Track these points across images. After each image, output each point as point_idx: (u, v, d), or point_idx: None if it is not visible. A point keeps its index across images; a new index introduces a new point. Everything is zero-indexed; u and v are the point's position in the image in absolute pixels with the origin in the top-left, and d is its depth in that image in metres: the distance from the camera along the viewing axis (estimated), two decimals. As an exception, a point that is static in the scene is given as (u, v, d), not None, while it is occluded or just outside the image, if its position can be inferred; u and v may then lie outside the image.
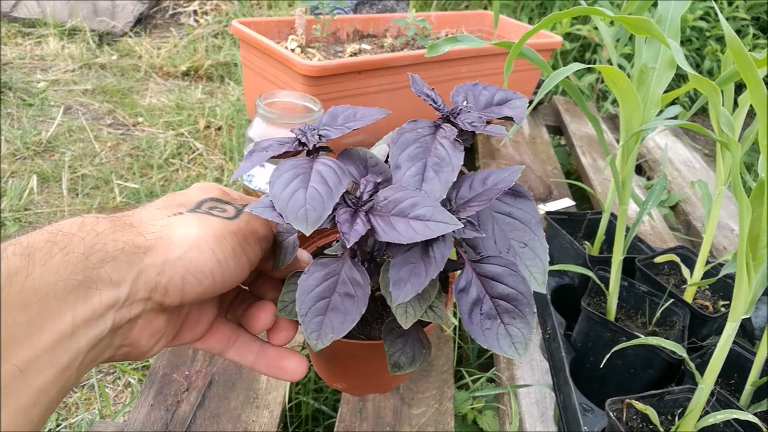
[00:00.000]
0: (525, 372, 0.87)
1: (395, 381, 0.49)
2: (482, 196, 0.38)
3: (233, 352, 0.43)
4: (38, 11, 2.45)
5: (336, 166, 0.38)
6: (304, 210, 0.35)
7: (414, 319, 0.37)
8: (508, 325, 0.35)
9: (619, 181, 0.75)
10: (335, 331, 0.35)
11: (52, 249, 0.30)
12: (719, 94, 0.50)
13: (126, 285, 0.32)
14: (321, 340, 0.35)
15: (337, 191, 0.36)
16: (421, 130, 0.39)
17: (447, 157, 0.37)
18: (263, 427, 0.72)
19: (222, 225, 0.37)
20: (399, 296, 0.34)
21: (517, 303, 0.36)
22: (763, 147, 0.49)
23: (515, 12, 2.63)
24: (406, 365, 0.40)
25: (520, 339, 0.35)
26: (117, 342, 0.33)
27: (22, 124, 1.78)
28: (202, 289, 0.36)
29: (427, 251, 0.35)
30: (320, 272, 0.37)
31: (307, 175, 0.37)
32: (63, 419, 0.96)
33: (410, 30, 1.51)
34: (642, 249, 1.01)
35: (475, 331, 0.35)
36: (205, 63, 2.29)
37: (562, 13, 0.54)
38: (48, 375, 0.27)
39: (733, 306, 0.57)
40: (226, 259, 0.36)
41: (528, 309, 0.36)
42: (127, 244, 0.33)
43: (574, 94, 0.73)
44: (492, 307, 0.36)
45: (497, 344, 0.35)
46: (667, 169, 1.57)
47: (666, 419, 0.68)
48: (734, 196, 0.51)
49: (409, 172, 0.37)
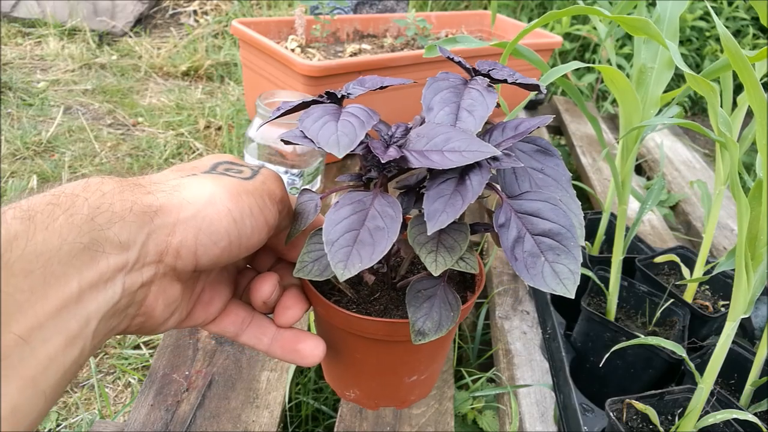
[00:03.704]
0: (525, 372, 0.87)
1: (413, 391, 0.46)
2: (516, 137, 0.37)
3: (247, 335, 0.41)
4: (38, 11, 2.45)
5: (365, 108, 0.37)
6: (336, 136, 0.34)
7: (443, 267, 0.35)
8: (553, 262, 0.34)
9: (618, 180, 0.75)
10: (363, 260, 0.33)
11: (55, 211, 0.28)
12: (717, 94, 0.50)
13: (135, 247, 0.30)
14: (348, 269, 0.33)
15: (368, 122, 0.36)
16: (453, 80, 0.39)
17: (481, 98, 0.37)
18: (263, 427, 0.72)
19: (238, 184, 0.36)
20: (434, 225, 0.33)
21: (561, 238, 0.34)
22: (761, 147, 0.49)
23: (515, 12, 2.63)
24: (431, 332, 0.37)
25: (568, 275, 0.34)
26: (132, 311, 0.32)
27: (22, 124, 1.78)
28: (217, 252, 0.34)
29: (464, 180, 0.34)
30: (350, 204, 0.35)
31: (337, 114, 0.37)
32: (63, 419, 0.96)
33: (410, 30, 1.51)
34: (642, 249, 1.01)
35: (519, 268, 0.34)
36: (205, 63, 2.29)
37: (560, 12, 0.54)
38: (56, 343, 0.26)
39: (733, 306, 0.57)
40: (243, 217, 0.34)
41: (573, 243, 0.34)
42: (135, 204, 0.31)
43: (573, 94, 0.73)
44: (534, 245, 0.34)
45: (544, 282, 0.33)
46: (666, 169, 1.57)
47: (666, 419, 0.68)
48: (733, 195, 0.51)
49: (443, 112, 0.36)
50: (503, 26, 1.72)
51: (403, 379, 0.41)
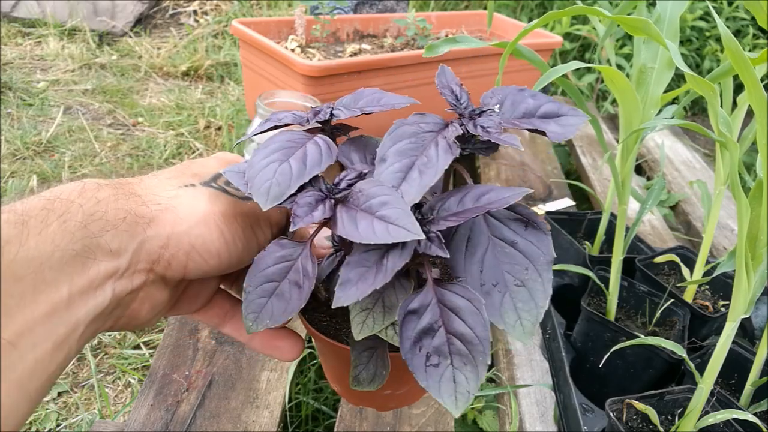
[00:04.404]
0: (525, 372, 0.87)
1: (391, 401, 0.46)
2: (466, 213, 0.33)
3: (230, 326, 0.42)
4: (38, 11, 2.45)
5: (326, 147, 0.36)
6: (269, 183, 0.33)
7: (368, 333, 0.33)
8: (457, 369, 0.30)
9: (618, 180, 0.75)
10: (273, 318, 0.33)
11: (49, 217, 0.28)
12: (717, 94, 0.50)
13: (126, 255, 0.31)
14: (257, 324, 0.34)
15: (310, 172, 0.34)
16: (424, 125, 0.35)
17: (435, 158, 0.33)
18: (263, 427, 0.72)
19: (234, 204, 0.36)
20: (341, 297, 0.31)
21: (472, 348, 0.31)
22: (761, 147, 0.49)
23: (515, 12, 2.63)
24: (365, 382, 0.37)
25: (464, 390, 0.30)
26: (118, 313, 0.32)
27: (22, 124, 1.78)
28: (207, 269, 0.35)
29: (383, 258, 0.32)
30: (278, 253, 0.35)
31: (293, 150, 0.35)
32: (63, 419, 0.96)
33: (410, 30, 1.51)
34: (642, 249, 1.01)
35: (416, 363, 0.31)
36: (205, 63, 2.29)
37: (560, 12, 0.54)
38: (44, 348, 0.26)
39: (733, 306, 0.57)
40: (234, 240, 0.35)
41: (482, 358, 0.30)
42: (129, 213, 0.31)
43: (573, 93, 0.73)
44: (444, 343, 0.31)
45: (437, 388, 0.30)
46: (667, 169, 1.57)
47: (666, 419, 0.68)
48: (733, 195, 0.51)
49: (393, 167, 0.33)
50: (503, 26, 1.72)
51: (378, 391, 0.40)
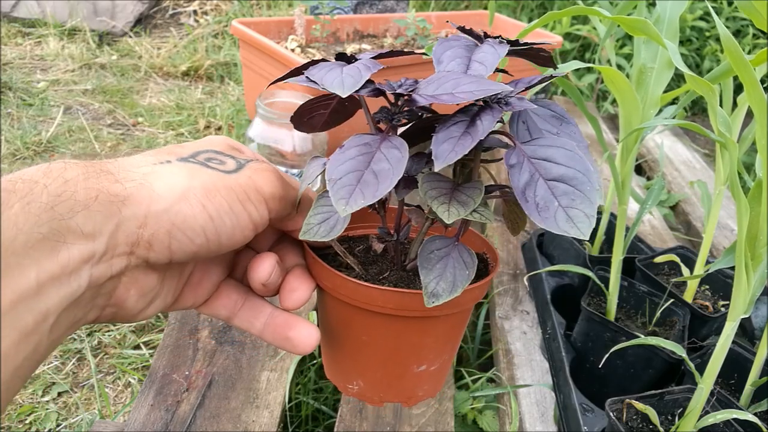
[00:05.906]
0: (525, 372, 0.87)
1: (421, 386, 0.43)
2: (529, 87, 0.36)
3: (239, 318, 0.39)
4: (38, 11, 2.45)
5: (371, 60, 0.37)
6: (340, 78, 0.34)
7: (457, 217, 0.34)
8: (568, 207, 0.32)
9: (618, 180, 0.75)
10: (366, 197, 0.32)
11: (10, 199, 0.26)
12: (716, 94, 0.50)
13: (102, 238, 0.28)
14: (350, 204, 0.32)
15: (374, 66, 0.35)
16: (464, 41, 0.38)
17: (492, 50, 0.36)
18: (263, 427, 0.72)
19: (216, 177, 0.33)
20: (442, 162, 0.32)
21: (576, 183, 0.32)
22: (761, 147, 0.49)
23: (515, 12, 2.63)
24: (445, 293, 0.35)
25: (582, 219, 0.32)
26: (100, 302, 0.30)
27: (22, 124, 1.78)
28: (194, 248, 0.32)
29: (474, 122, 0.33)
30: (356, 147, 0.34)
31: (343, 66, 0.37)
32: (63, 419, 0.96)
33: (410, 30, 1.51)
34: (642, 249, 1.01)
35: (530, 209, 0.32)
36: (205, 63, 2.29)
37: (560, 13, 0.54)
38: (9, 339, 0.24)
39: (732, 306, 0.57)
40: (221, 216, 0.33)
41: (590, 187, 0.32)
42: (101, 192, 0.29)
43: (573, 94, 0.73)
44: (547, 190, 0.33)
45: (556, 225, 0.32)
46: (667, 169, 1.57)
47: (666, 419, 0.68)
48: (732, 195, 0.52)
49: (453, 62, 0.35)
50: (503, 26, 1.72)
51: (411, 368, 0.39)
